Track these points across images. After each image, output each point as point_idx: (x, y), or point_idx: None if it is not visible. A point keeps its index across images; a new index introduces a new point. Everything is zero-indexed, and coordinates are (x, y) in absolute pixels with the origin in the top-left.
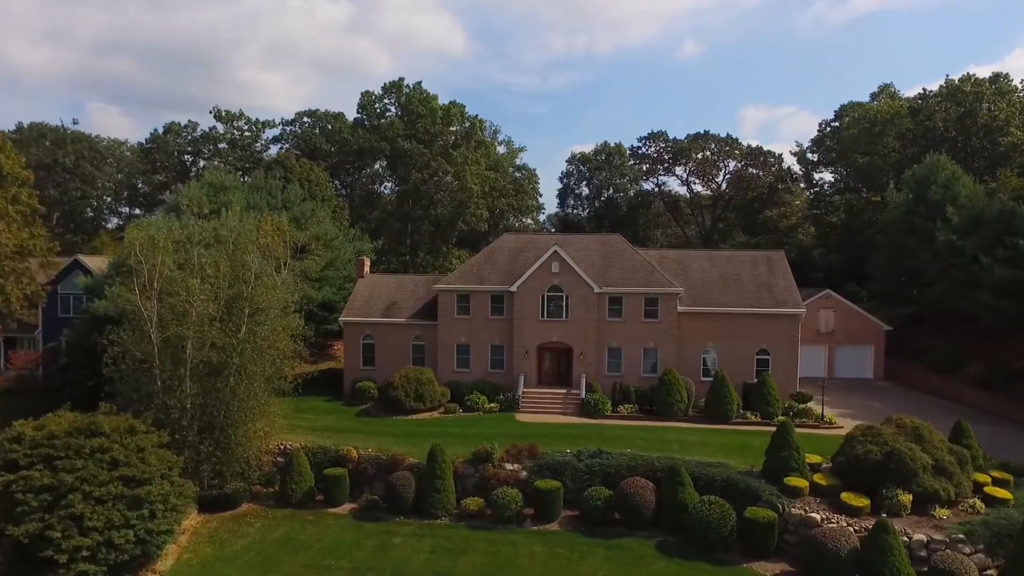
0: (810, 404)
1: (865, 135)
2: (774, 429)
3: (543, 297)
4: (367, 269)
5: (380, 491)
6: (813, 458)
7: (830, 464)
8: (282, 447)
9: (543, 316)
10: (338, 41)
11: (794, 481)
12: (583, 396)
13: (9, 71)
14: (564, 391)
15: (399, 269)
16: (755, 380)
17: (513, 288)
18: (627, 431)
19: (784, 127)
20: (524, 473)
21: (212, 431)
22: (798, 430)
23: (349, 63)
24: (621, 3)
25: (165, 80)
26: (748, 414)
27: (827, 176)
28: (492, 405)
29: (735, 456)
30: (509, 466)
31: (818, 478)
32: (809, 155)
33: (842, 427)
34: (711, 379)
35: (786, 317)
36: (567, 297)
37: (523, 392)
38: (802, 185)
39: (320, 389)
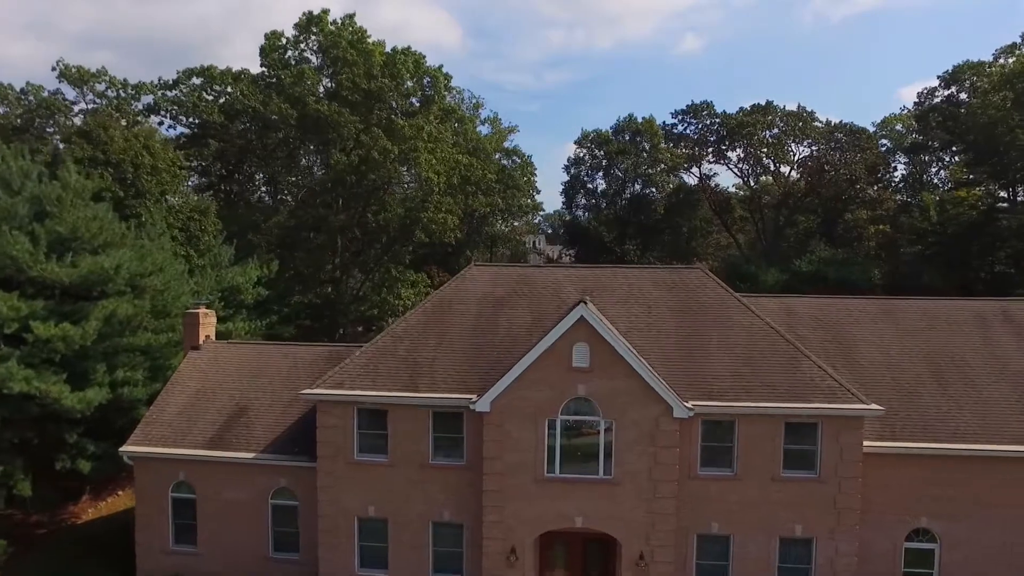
0: None
1: (1016, 102)
2: None
3: (552, 425)
4: (207, 333)
5: None
6: None
7: None
8: None
9: (551, 470)
10: None
11: None
12: None
13: None
14: None
15: (316, 308)
16: None
17: (482, 404)
18: None
19: None
20: None
21: None
22: None
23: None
24: None
25: (154, 74)
26: None
27: (898, 169)
28: None
29: None
30: None
31: None
32: (883, 140)
33: None
34: None
35: None
36: (610, 427)
37: None
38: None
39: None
